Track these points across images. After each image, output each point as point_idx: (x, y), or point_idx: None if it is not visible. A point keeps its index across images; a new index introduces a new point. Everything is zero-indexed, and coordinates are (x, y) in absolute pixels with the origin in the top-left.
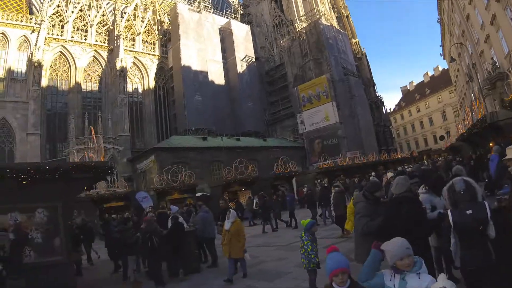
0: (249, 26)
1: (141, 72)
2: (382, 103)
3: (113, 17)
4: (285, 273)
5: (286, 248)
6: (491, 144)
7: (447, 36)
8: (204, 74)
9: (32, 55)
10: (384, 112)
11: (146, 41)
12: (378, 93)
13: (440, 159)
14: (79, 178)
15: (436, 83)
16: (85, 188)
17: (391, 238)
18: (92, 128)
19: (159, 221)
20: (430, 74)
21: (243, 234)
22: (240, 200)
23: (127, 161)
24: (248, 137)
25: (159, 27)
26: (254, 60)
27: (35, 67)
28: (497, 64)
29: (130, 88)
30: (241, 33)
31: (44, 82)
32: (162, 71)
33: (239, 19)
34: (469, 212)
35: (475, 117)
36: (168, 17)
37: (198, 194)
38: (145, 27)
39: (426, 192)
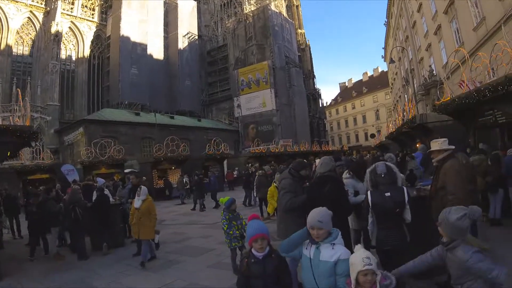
0: (195, 1)
1: (77, 39)
2: (320, 95)
3: None
4: (209, 249)
5: (212, 226)
6: (417, 145)
7: (391, 40)
8: (143, 47)
9: None
10: (321, 105)
11: (86, 6)
12: (317, 86)
13: (368, 155)
14: (2, 142)
15: (374, 83)
16: (8, 154)
17: None
18: (19, 91)
19: (84, 193)
20: (369, 74)
21: (154, 213)
22: (169, 179)
23: (55, 132)
24: (183, 116)
25: None
26: (196, 38)
27: None
28: (434, 72)
29: (63, 55)
30: (187, 8)
31: None
32: (99, 40)
33: None
34: (387, 194)
35: (406, 117)
36: None
37: (126, 170)
38: None
39: (350, 177)
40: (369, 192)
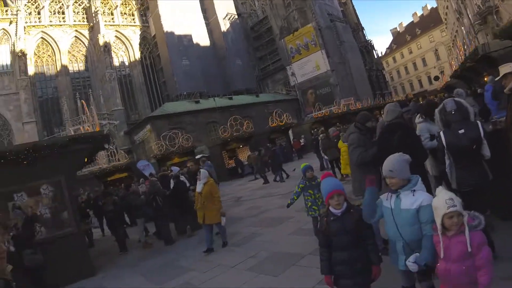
0: None
1: (125, 45)
2: (373, 47)
3: None
4: (288, 218)
5: (287, 196)
6: (485, 79)
7: None
8: (188, 38)
9: (14, 46)
10: (376, 56)
11: (125, 13)
12: (368, 37)
13: (435, 99)
14: (78, 150)
15: (426, 22)
16: (86, 160)
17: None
18: (83, 102)
19: (162, 183)
20: (419, 14)
21: (217, 195)
22: (239, 157)
23: (124, 134)
24: (240, 95)
25: None
26: (236, 17)
27: (19, 57)
28: None
29: (116, 62)
30: None
31: (31, 70)
32: (146, 41)
33: None
34: (461, 131)
35: (468, 51)
36: None
37: (197, 156)
38: None
39: (423, 121)
40: (441, 133)
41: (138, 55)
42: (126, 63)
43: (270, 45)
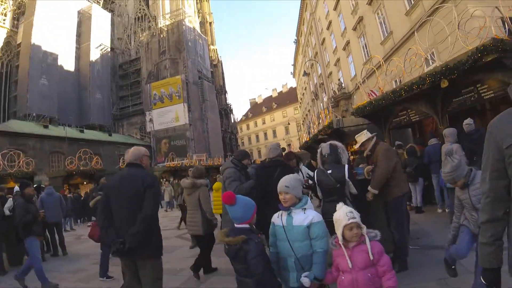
0: (110, 14)
1: None
2: (231, 111)
3: None
4: None
5: None
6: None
7: (300, 56)
8: (54, 57)
9: None
10: (233, 121)
11: None
12: (229, 101)
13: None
14: None
15: (283, 98)
16: None
17: (264, 199)
18: None
19: None
20: (278, 90)
21: None
22: (80, 193)
23: None
24: (93, 130)
25: None
26: (109, 50)
27: None
28: (343, 85)
29: None
30: (101, 19)
31: None
32: (9, 47)
33: (101, 5)
34: (329, 171)
35: (323, 124)
36: None
37: (33, 186)
38: None
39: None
40: (315, 172)
41: None
42: None
43: (134, 87)
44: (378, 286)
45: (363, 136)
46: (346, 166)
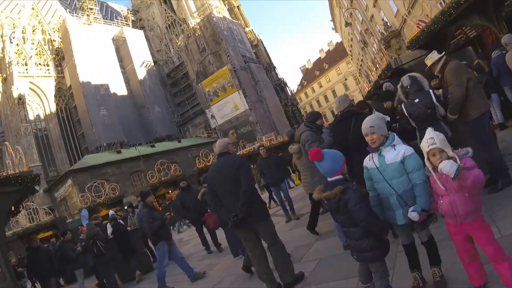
0: (142, 31)
1: (40, 97)
2: (286, 84)
3: (1, 44)
4: None
5: None
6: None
7: (336, 10)
8: (105, 87)
9: None
10: (290, 93)
11: (39, 64)
12: (280, 76)
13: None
14: (3, 193)
15: (333, 56)
16: (12, 208)
17: (344, 151)
18: (7, 144)
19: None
20: (325, 50)
21: None
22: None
23: (44, 192)
24: (162, 142)
25: (51, 46)
26: (152, 64)
27: None
28: (389, 23)
29: (31, 116)
30: (135, 39)
31: None
32: (61, 92)
33: (131, 26)
34: (416, 100)
35: (380, 69)
36: (58, 35)
37: (126, 207)
38: (36, 49)
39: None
40: (402, 105)
41: (54, 107)
42: (42, 116)
43: (187, 90)
44: (479, 205)
45: (429, 59)
46: (431, 90)
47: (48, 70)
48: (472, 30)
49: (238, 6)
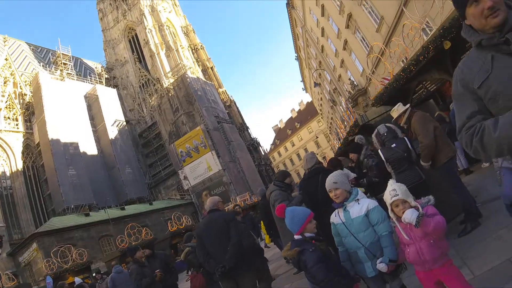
0: (115, 89)
1: (6, 153)
2: (259, 144)
3: None
4: None
5: None
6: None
7: (305, 71)
8: (75, 146)
9: None
10: (263, 152)
11: (9, 117)
12: (253, 135)
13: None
14: None
15: (304, 115)
16: None
17: (314, 207)
18: None
19: None
20: (296, 109)
21: None
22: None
23: (7, 255)
24: (133, 205)
25: (21, 100)
26: (124, 123)
27: None
28: (355, 82)
29: None
30: (108, 97)
31: None
32: (29, 149)
33: (104, 83)
34: (393, 145)
35: (348, 126)
36: (30, 89)
37: (94, 274)
38: (6, 101)
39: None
40: (379, 151)
41: (20, 165)
42: (8, 174)
43: (160, 151)
44: (445, 250)
45: (395, 111)
46: (405, 137)
47: (17, 125)
48: (432, 84)
49: (212, 67)
